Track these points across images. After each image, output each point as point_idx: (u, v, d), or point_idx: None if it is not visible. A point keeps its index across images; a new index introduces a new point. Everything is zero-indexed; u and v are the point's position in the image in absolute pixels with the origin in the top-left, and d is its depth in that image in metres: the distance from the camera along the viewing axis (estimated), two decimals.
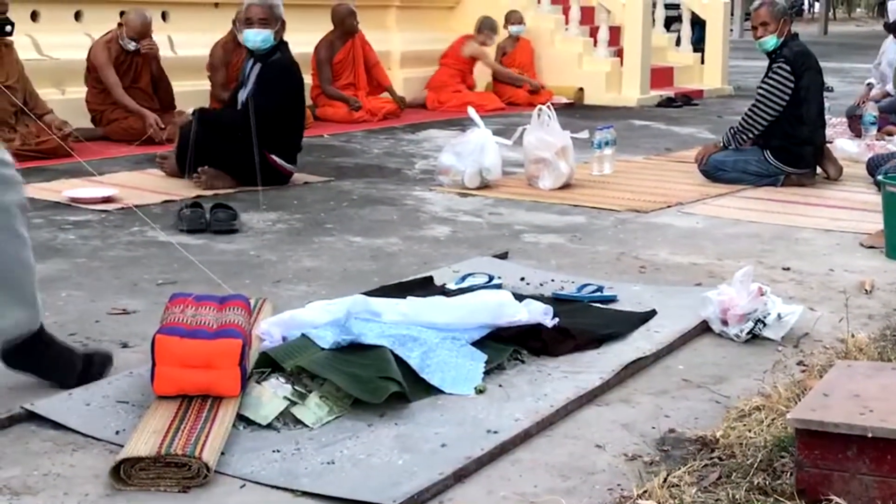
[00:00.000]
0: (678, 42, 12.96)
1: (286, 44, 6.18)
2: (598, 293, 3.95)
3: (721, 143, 6.47)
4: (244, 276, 4.23)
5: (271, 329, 3.25)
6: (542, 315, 3.45)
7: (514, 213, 5.56)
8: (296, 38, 6.52)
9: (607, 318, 3.66)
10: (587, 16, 11.72)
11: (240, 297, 3.21)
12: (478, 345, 3.25)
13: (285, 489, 2.44)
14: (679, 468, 2.51)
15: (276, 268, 4.39)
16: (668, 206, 5.73)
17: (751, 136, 6.32)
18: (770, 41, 6.26)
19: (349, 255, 4.64)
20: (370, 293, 3.71)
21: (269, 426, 2.74)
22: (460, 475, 2.50)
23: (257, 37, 6.01)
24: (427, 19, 11.27)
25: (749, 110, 6.29)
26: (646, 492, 2.38)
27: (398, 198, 5.94)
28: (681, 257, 4.66)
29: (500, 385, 3.07)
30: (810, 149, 6.36)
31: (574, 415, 2.90)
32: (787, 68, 6.18)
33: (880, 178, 4.89)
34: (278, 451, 2.61)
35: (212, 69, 8.40)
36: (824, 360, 3.26)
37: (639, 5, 11.07)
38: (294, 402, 2.81)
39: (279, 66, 6.07)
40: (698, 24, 13.18)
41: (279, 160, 6.06)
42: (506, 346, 3.28)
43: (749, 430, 2.68)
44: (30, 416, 2.79)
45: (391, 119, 9.32)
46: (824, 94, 6.68)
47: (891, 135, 7.97)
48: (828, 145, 6.74)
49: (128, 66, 7.68)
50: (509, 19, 10.91)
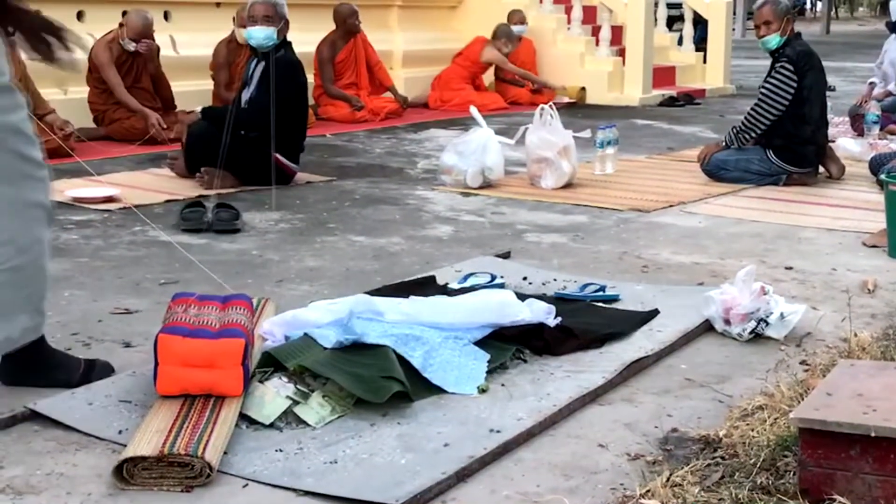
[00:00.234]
0: (680, 41, 12.97)
1: (290, 43, 6.16)
2: (601, 293, 3.95)
3: (723, 143, 6.46)
4: (247, 275, 4.23)
5: (274, 329, 3.25)
6: (545, 314, 3.45)
7: (517, 213, 5.56)
8: (298, 37, 6.51)
9: (610, 318, 3.66)
10: (589, 15, 11.71)
11: (242, 297, 3.21)
12: (480, 344, 3.24)
13: (288, 489, 2.44)
14: (682, 467, 2.50)
15: (279, 267, 4.39)
16: (671, 206, 5.73)
17: (753, 135, 6.31)
18: (773, 40, 6.26)
19: (351, 254, 4.64)
20: (372, 293, 3.71)
21: (271, 426, 2.74)
22: (463, 474, 2.50)
23: (261, 34, 5.98)
24: (429, 19, 11.27)
25: (752, 109, 6.29)
26: (649, 491, 2.38)
27: (400, 197, 5.94)
28: (683, 257, 4.65)
29: (502, 384, 3.07)
30: (813, 148, 6.35)
31: (577, 414, 2.90)
32: (790, 68, 6.18)
33: (883, 177, 4.89)
34: (281, 450, 2.61)
35: (215, 68, 8.41)
36: (827, 359, 3.26)
37: (641, 4, 11.06)
38: (297, 402, 2.81)
39: (284, 62, 6.04)
40: (700, 24, 13.18)
41: (283, 159, 6.06)
42: (508, 345, 3.28)
43: (752, 430, 2.68)
44: (33, 416, 2.79)
45: (393, 118, 9.32)
46: (827, 93, 6.68)
47: (893, 134, 7.97)
48: (830, 144, 6.74)
49: (129, 67, 7.68)
50: (512, 19, 10.90)
